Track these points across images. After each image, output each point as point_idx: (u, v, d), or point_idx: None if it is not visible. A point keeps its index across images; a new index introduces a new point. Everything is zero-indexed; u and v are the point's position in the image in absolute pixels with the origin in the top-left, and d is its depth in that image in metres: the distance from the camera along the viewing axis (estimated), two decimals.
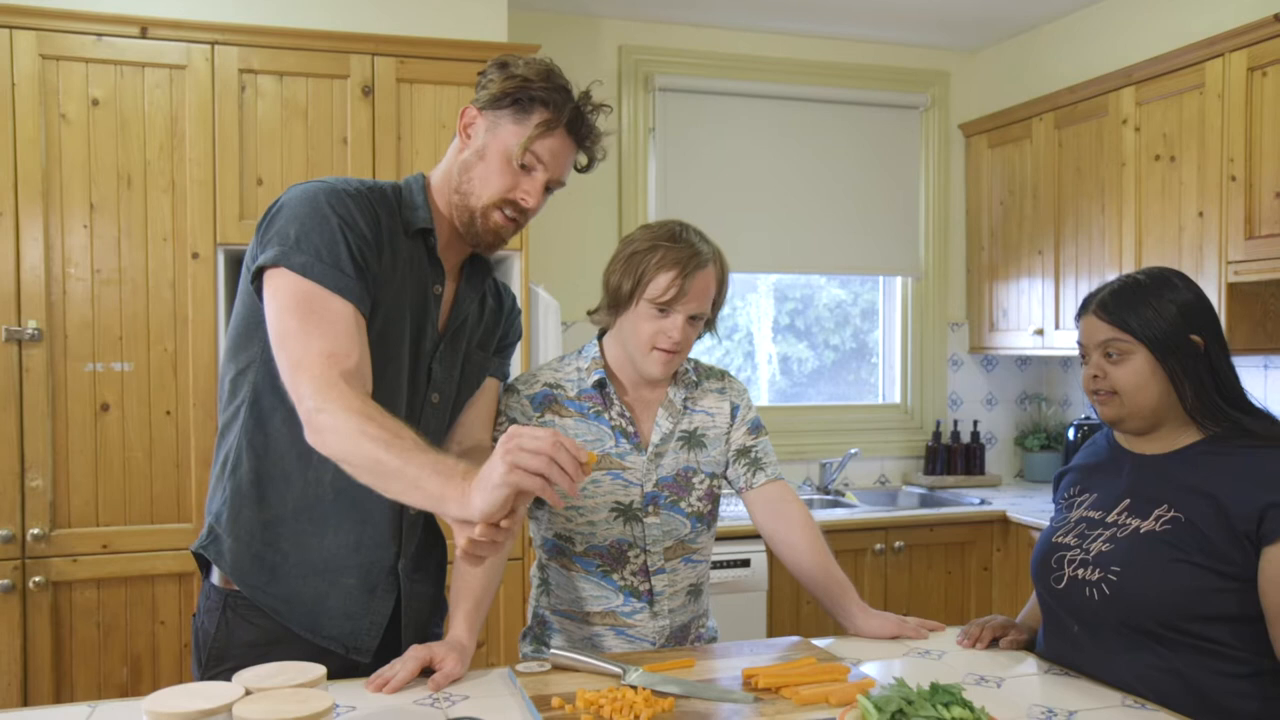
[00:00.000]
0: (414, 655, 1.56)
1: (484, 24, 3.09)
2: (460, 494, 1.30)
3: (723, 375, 1.98)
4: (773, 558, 3.26)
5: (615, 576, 1.82)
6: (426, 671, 1.56)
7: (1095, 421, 3.89)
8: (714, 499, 1.91)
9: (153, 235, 2.79)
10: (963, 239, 4.27)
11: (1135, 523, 1.60)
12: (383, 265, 1.56)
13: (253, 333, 1.57)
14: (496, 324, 1.83)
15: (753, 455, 1.92)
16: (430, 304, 1.66)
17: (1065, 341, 3.66)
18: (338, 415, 1.37)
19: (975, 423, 4.19)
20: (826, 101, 4.07)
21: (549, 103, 1.57)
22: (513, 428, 1.29)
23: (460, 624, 1.65)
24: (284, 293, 1.47)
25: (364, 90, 2.93)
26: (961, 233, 4.27)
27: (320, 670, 1.35)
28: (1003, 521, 3.56)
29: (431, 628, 1.78)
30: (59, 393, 2.73)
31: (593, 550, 1.82)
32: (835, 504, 3.84)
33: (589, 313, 1.87)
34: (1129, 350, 1.62)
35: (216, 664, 1.59)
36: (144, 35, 2.77)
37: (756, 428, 1.95)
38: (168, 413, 2.81)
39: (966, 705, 1.24)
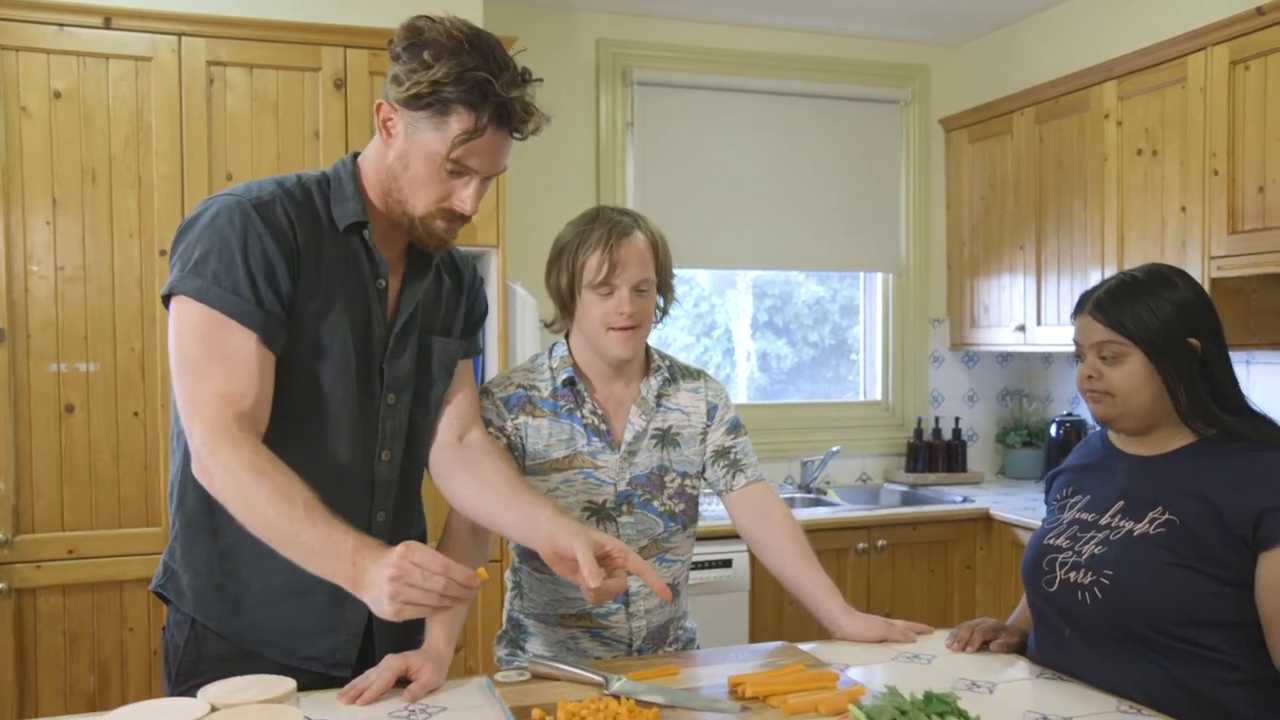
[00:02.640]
0: (389, 665, 1.51)
1: (460, 15, 3.02)
2: (350, 579, 1.31)
3: (699, 375, 1.93)
4: (755, 558, 3.22)
5: None
6: (403, 682, 1.51)
7: (1077, 418, 3.88)
8: (688, 499, 1.87)
9: (118, 232, 2.72)
10: (943, 235, 4.25)
11: (1129, 525, 1.57)
12: (304, 277, 1.47)
13: None
14: (458, 303, 1.73)
15: (732, 456, 1.88)
16: (373, 301, 1.56)
17: (1047, 338, 3.64)
18: (229, 466, 1.35)
19: (957, 420, 4.16)
20: (806, 96, 4.03)
21: (466, 103, 1.41)
22: (401, 557, 1.28)
23: (437, 632, 1.59)
24: (182, 321, 1.42)
25: (336, 83, 2.86)
26: (942, 228, 4.25)
27: (290, 684, 1.30)
28: (985, 519, 3.54)
29: (413, 634, 1.71)
30: (21, 394, 2.65)
31: None
32: (817, 502, 3.81)
33: (547, 325, 1.86)
34: (1124, 352, 1.58)
35: (187, 679, 1.52)
36: (108, 26, 2.69)
37: (735, 427, 1.91)
38: (135, 414, 2.74)
39: (962, 715, 1.20)
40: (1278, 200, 2.78)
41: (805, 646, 1.72)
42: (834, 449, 3.91)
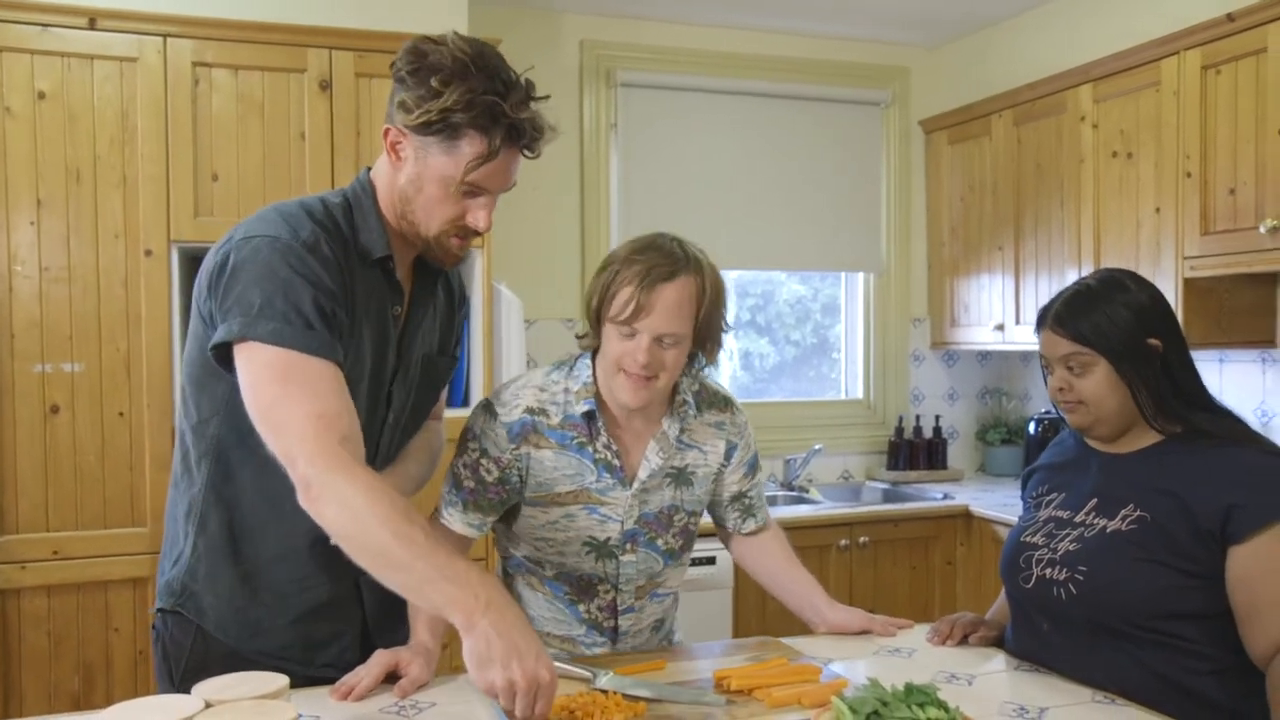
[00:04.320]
0: (379, 661, 1.52)
1: (444, 18, 3.03)
2: (467, 611, 1.26)
3: (726, 405, 1.80)
4: None
5: (581, 607, 1.74)
6: (392, 677, 1.53)
7: (1055, 416, 3.92)
8: (688, 535, 1.79)
9: (103, 232, 2.72)
10: (924, 235, 4.29)
11: (1103, 523, 1.61)
12: (346, 310, 1.48)
13: (209, 383, 1.48)
14: (451, 319, 1.76)
15: (746, 502, 1.86)
16: (390, 328, 1.58)
17: (1025, 337, 3.69)
18: (341, 488, 1.30)
19: (937, 417, 4.21)
20: (788, 97, 4.06)
21: (477, 127, 1.42)
22: (544, 681, 1.26)
23: (422, 628, 1.60)
24: (258, 364, 1.37)
25: (321, 85, 2.87)
26: (922, 229, 4.29)
27: (283, 680, 1.31)
28: (965, 516, 3.59)
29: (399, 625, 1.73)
30: (6, 394, 2.65)
31: (563, 576, 1.73)
32: (799, 500, 3.84)
33: (578, 337, 1.71)
34: (1090, 362, 1.62)
35: (195, 676, 1.53)
36: (92, 26, 2.69)
37: (753, 468, 1.85)
38: (120, 414, 2.74)
39: (941, 705, 1.24)
40: (1248, 202, 2.84)
41: (787, 640, 1.76)
42: (816, 447, 3.95)
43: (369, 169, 1.60)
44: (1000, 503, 3.59)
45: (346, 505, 1.30)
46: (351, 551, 1.32)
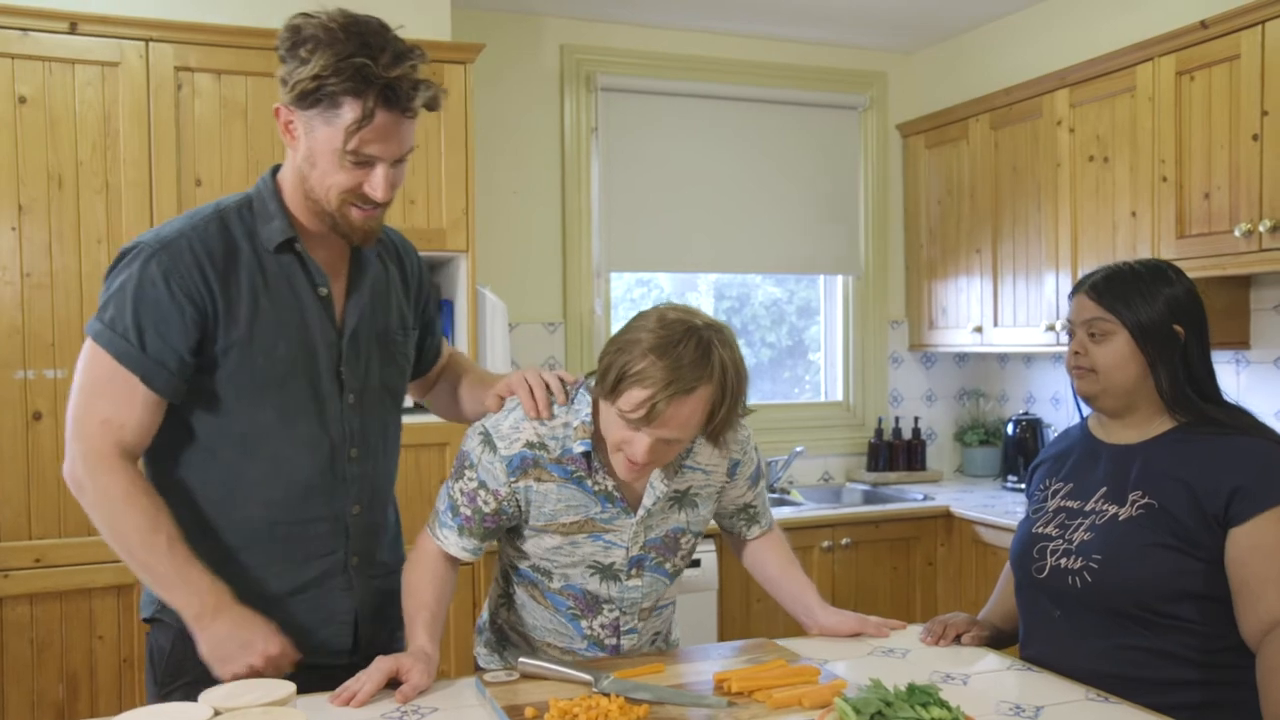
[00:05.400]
0: (380, 667, 1.53)
1: (427, 23, 3.04)
2: (197, 614, 1.47)
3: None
4: (723, 557, 3.28)
5: (583, 623, 1.72)
6: (394, 683, 1.53)
7: (1033, 417, 3.98)
8: (690, 554, 1.80)
9: (86, 238, 2.70)
10: (902, 238, 4.33)
11: (1113, 509, 1.67)
12: (223, 310, 1.52)
13: None
14: (406, 291, 1.75)
15: (752, 511, 1.87)
16: (314, 312, 1.59)
17: (1003, 339, 3.74)
18: (105, 489, 1.49)
19: (916, 419, 4.25)
20: (767, 102, 4.09)
21: (350, 92, 1.43)
22: (276, 657, 1.47)
23: (421, 634, 1.61)
24: (85, 358, 1.53)
25: None
26: (901, 232, 4.33)
27: (290, 688, 1.32)
28: (946, 516, 3.62)
29: (397, 631, 1.74)
30: None
31: (568, 591, 1.71)
32: (781, 502, 3.87)
33: (587, 375, 1.65)
34: (1111, 331, 1.68)
35: (173, 679, 1.54)
36: (74, 31, 2.67)
37: (757, 477, 1.83)
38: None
39: (944, 705, 1.26)
40: (1223, 206, 2.89)
41: (783, 642, 1.77)
42: (798, 449, 3.97)
43: (278, 166, 1.62)
44: (980, 504, 3.63)
45: (105, 510, 1.50)
46: (107, 541, 1.52)
